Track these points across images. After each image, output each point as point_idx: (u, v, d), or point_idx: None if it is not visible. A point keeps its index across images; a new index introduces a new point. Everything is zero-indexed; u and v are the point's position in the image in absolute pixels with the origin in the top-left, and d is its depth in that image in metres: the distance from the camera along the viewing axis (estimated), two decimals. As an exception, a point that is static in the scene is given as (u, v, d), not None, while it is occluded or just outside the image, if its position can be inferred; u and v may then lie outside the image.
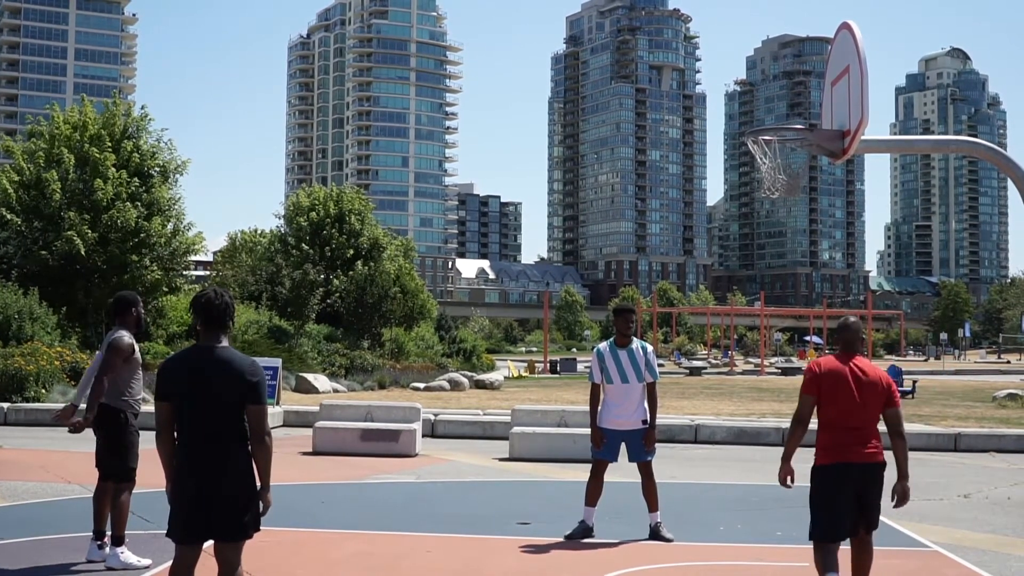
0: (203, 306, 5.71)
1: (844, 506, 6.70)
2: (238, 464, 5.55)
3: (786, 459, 6.95)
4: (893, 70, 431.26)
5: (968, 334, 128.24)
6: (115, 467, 8.35)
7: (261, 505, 5.67)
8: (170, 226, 33.93)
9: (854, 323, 7.06)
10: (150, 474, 8.91)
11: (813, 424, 6.96)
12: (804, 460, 7.03)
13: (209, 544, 5.65)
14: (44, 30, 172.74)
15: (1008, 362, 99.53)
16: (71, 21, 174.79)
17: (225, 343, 5.72)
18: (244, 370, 5.58)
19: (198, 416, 5.56)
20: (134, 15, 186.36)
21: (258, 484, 5.64)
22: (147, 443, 8.65)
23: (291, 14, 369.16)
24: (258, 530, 5.68)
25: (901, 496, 6.77)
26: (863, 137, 7.40)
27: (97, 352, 8.70)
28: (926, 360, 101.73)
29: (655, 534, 9.65)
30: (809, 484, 6.88)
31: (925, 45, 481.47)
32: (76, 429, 8.33)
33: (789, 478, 6.93)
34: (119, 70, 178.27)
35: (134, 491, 8.52)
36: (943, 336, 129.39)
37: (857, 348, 6.97)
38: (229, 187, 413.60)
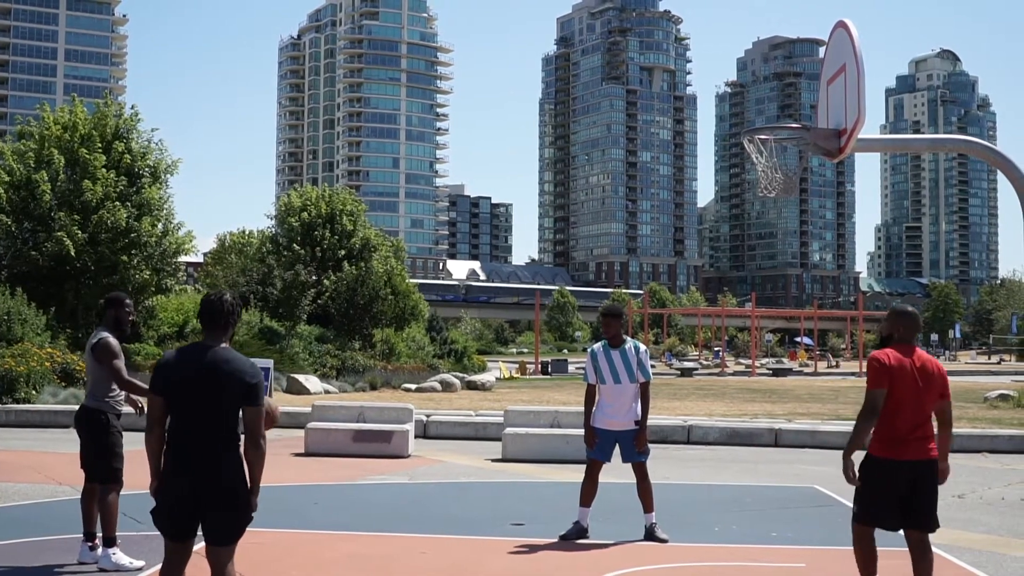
0: (204, 307, 5.77)
1: (891, 499, 6.65)
2: (230, 466, 5.52)
3: (849, 455, 6.73)
4: (883, 72, 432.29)
5: (959, 335, 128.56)
6: (100, 469, 8.29)
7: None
8: (160, 226, 33.82)
9: (916, 312, 6.88)
10: (143, 475, 8.84)
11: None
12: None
13: (200, 547, 5.63)
14: (34, 31, 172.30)
15: (999, 362, 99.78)
16: (61, 22, 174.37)
17: (226, 344, 5.71)
18: (245, 371, 5.56)
19: (192, 415, 5.53)
20: (124, 16, 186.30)
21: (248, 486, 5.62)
22: (132, 444, 8.63)
23: (281, 15, 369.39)
24: (250, 520, 5.67)
25: (943, 475, 6.82)
26: (859, 136, 7.38)
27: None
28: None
29: (650, 535, 9.62)
30: (859, 471, 6.77)
31: (915, 47, 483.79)
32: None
33: (852, 473, 6.74)
34: (109, 71, 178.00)
35: (126, 492, 8.46)
36: (934, 337, 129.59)
37: (916, 340, 6.81)
38: (219, 188, 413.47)
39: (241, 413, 5.57)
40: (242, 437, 5.60)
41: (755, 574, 8.67)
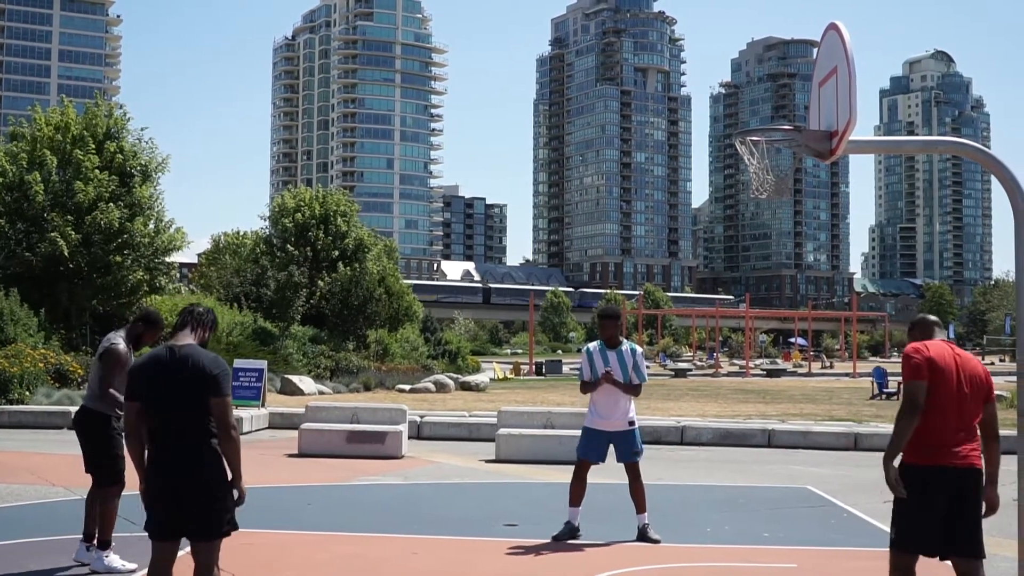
0: (177, 317, 6.05)
1: (934, 516, 5.79)
2: (208, 462, 5.62)
3: (889, 460, 5.87)
4: (877, 73, 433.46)
5: (952, 336, 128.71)
6: (102, 471, 8.31)
7: (236, 495, 5.73)
8: (152, 225, 33.77)
9: (925, 317, 6.36)
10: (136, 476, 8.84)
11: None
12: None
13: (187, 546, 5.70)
14: (27, 31, 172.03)
15: (992, 364, 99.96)
16: (55, 22, 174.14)
17: (190, 341, 5.84)
18: (206, 364, 5.67)
19: (165, 414, 5.65)
20: (118, 16, 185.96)
21: (229, 477, 5.70)
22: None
23: (276, 16, 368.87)
24: (235, 528, 5.75)
25: (989, 504, 5.90)
26: (851, 138, 7.39)
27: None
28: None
29: (642, 535, 9.64)
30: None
31: (909, 47, 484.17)
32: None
33: (896, 480, 5.84)
34: (103, 71, 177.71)
35: (123, 493, 8.45)
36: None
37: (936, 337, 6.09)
38: (214, 189, 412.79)
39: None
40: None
41: (747, 575, 8.69)
